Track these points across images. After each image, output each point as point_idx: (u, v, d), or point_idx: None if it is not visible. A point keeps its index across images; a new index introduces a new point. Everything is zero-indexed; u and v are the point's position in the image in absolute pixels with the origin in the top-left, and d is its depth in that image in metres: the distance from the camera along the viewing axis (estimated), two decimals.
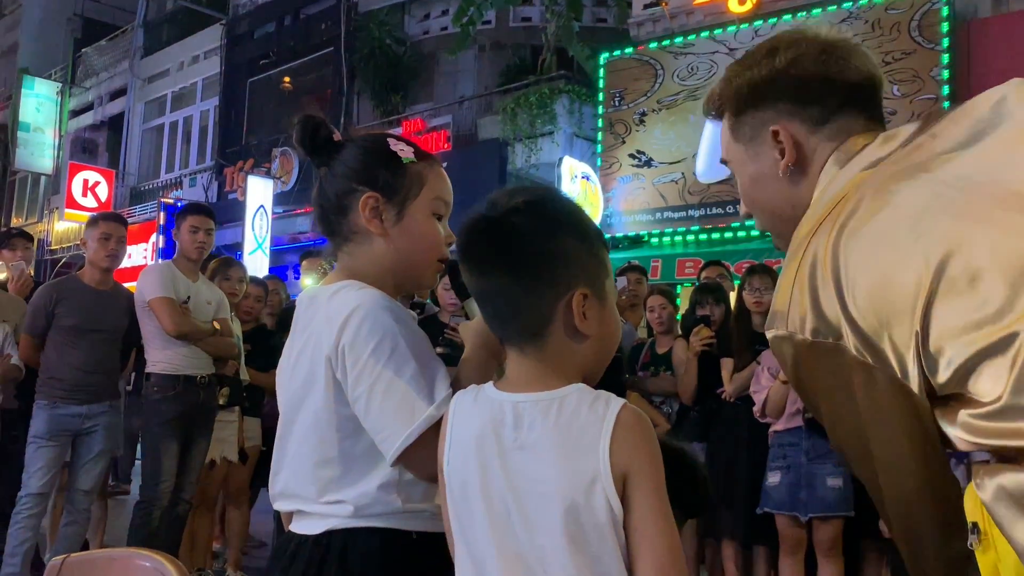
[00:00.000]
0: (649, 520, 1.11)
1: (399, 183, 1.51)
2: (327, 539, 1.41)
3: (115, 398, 4.47)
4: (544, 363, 1.19)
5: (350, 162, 1.53)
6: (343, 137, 1.58)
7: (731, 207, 9.99)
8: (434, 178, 1.54)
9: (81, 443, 4.32)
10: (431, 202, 1.53)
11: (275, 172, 15.83)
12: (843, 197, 1.09)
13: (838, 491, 3.93)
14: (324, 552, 1.40)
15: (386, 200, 1.50)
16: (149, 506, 4.24)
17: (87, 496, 4.36)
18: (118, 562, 1.62)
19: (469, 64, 14.71)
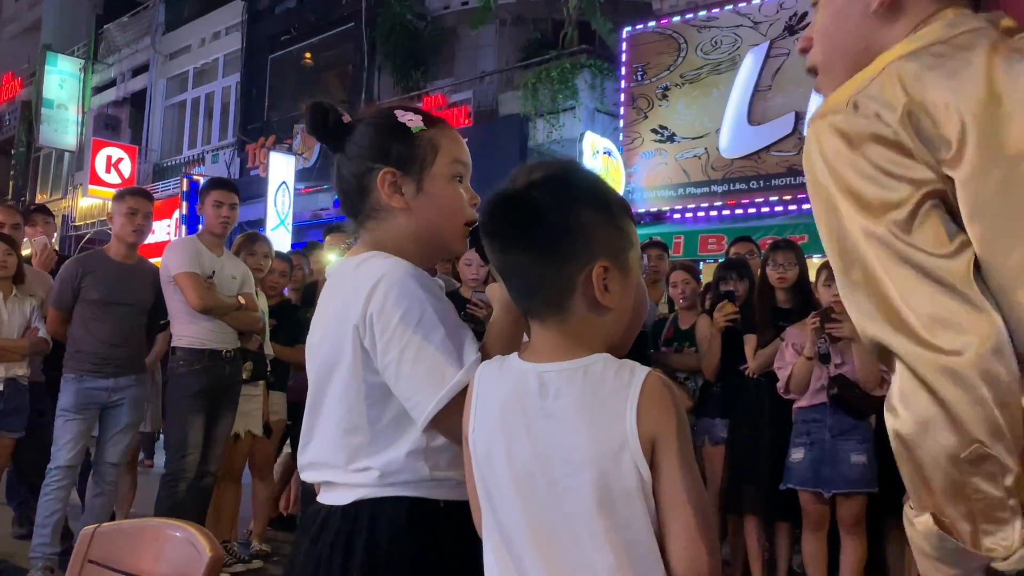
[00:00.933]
0: (679, 485, 1.11)
1: (413, 153, 1.51)
2: (355, 509, 1.42)
3: (141, 371, 4.51)
4: (567, 334, 1.19)
5: (362, 141, 1.54)
6: (352, 118, 1.58)
7: (754, 183, 9.92)
8: (447, 142, 1.54)
9: (108, 416, 4.38)
10: (449, 166, 1.53)
11: (297, 148, 15.86)
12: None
13: (862, 467, 3.91)
14: (353, 522, 1.41)
15: (403, 173, 1.51)
16: (175, 479, 4.29)
17: (114, 468, 4.42)
18: (149, 531, 1.64)
19: (490, 39, 14.61)
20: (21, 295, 4.59)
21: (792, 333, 4.16)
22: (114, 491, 4.51)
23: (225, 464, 4.61)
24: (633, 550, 1.11)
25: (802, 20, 9.76)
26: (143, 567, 1.56)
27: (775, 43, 9.93)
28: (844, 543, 4.03)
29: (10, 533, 5.03)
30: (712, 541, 1.13)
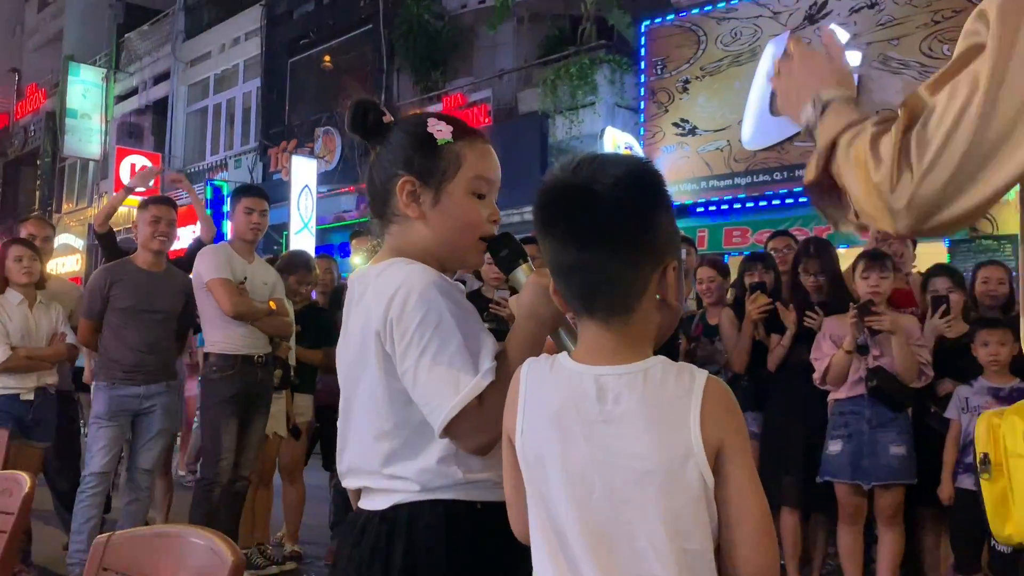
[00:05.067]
0: (746, 492, 1.11)
1: (434, 166, 1.52)
2: (393, 513, 1.43)
3: (172, 378, 4.55)
4: (627, 335, 1.18)
5: (392, 146, 1.55)
6: (393, 119, 1.58)
7: (777, 174, 9.84)
8: (474, 156, 1.54)
9: (140, 423, 4.42)
10: (470, 181, 1.53)
11: (318, 151, 15.93)
12: None
13: (901, 458, 3.89)
14: (391, 526, 1.42)
15: (423, 183, 1.52)
16: (210, 483, 4.32)
17: (148, 475, 4.46)
18: (166, 539, 1.62)
19: (508, 37, 14.59)
20: (46, 301, 4.63)
21: (830, 324, 4.14)
22: (148, 497, 4.55)
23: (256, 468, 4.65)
24: (693, 559, 1.10)
25: (823, 9, 9.67)
26: (167, 573, 1.55)
27: (795, 33, 9.83)
28: (882, 535, 4.00)
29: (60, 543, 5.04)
30: (776, 546, 1.13)
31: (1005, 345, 3.67)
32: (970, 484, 3.74)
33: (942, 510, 3.99)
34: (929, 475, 3.90)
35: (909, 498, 3.99)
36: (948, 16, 8.89)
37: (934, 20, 8.97)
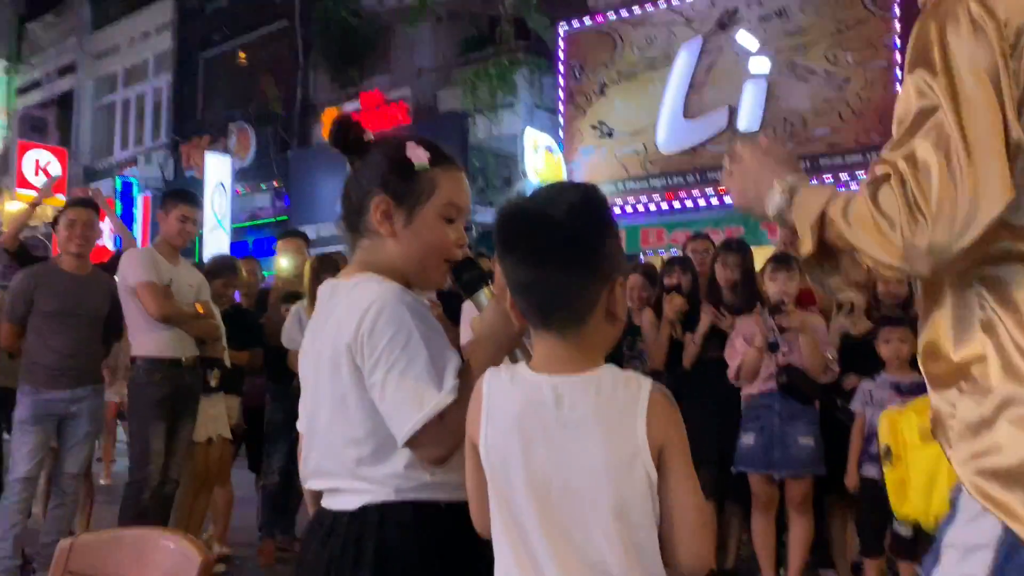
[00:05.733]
0: (684, 487, 1.25)
1: (410, 189, 1.61)
2: (363, 513, 1.52)
3: (98, 382, 4.51)
4: (580, 346, 1.31)
5: (370, 164, 1.64)
6: (372, 139, 1.67)
7: (691, 177, 10.16)
8: (448, 184, 1.63)
9: (66, 427, 4.37)
10: (442, 207, 1.63)
11: (233, 148, 15.69)
12: None
13: (810, 450, 4.13)
14: (361, 525, 1.52)
15: (396, 204, 1.61)
16: (139, 486, 4.31)
17: (74, 479, 4.42)
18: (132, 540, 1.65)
19: (426, 35, 14.59)
20: None
21: (742, 324, 4.36)
22: (74, 502, 4.50)
23: (200, 470, 4.66)
24: (641, 548, 1.24)
25: (733, 16, 10.01)
26: (133, 574, 1.60)
27: (708, 39, 10.15)
28: (793, 522, 4.24)
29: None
30: (710, 535, 1.29)
31: (906, 342, 3.93)
32: (874, 473, 3.99)
33: (848, 498, 4.25)
34: (836, 465, 4.15)
35: (818, 487, 4.24)
36: (851, 25, 9.32)
37: (838, 29, 9.39)
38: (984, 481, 1.13)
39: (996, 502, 1.11)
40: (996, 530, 1.12)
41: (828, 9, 9.45)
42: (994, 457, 1.12)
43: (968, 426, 1.16)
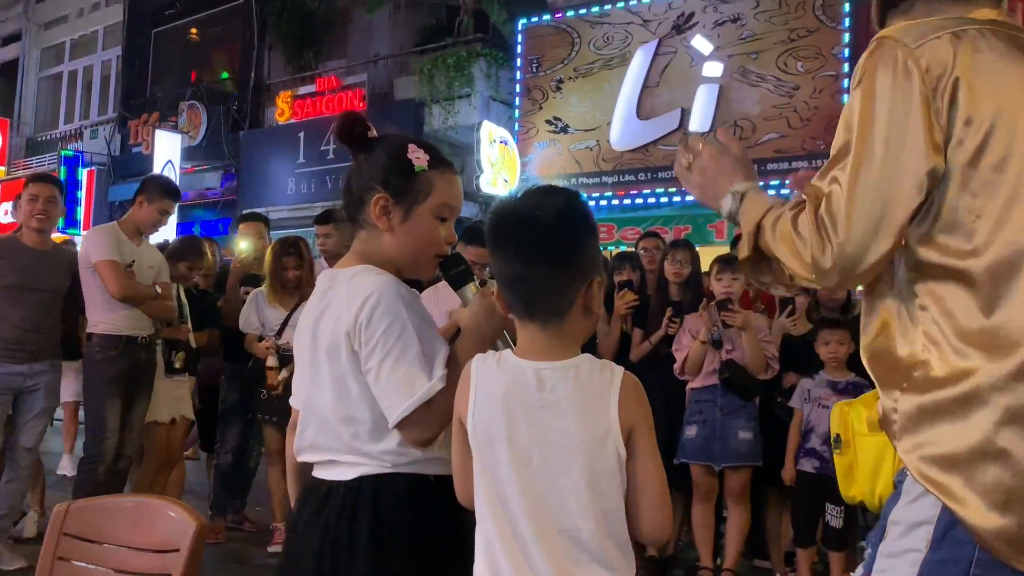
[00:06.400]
0: (649, 464, 1.42)
1: (409, 188, 1.74)
2: (359, 483, 1.65)
3: (56, 357, 4.52)
4: (560, 336, 1.46)
5: (373, 161, 1.76)
6: (378, 135, 1.78)
7: (642, 175, 10.37)
8: (444, 185, 1.77)
9: (23, 401, 4.38)
10: (436, 207, 1.76)
11: (183, 126, 15.50)
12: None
13: (749, 443, 4.32)
14: (356, 495, 1.65)
15: (395, 201, 1.74)
16: (94, 462, 4.34)
17: (29, 453, 4.43)
18: (128, 506, 1.75)
19: (384, 22, 14.56)
20: None
21: (690, 320, 4.54)
22: (28, 476, 4.51)
23: (162, 451, 4.70)
24: (609, 516, 1.40)
25: (689, 20, 10.23)
26: (126, 539, 1.68)
27: (664, 41, 10.37)
28: (731, 512, 4.44)
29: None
30: (670, 508, 1.45)
31: (843, 344, 4.14)
32: (809, 467, 4.21)
33: (784, 490, 4.46)
34: (773, 459, 4.35)
35: (755, 479, 4.44)
36: (803, 35, 9.60)
37: (790, 38, 9.66)
38: (926, 467, 1.29)
39: (936, 484, 1.27)
40: (935, 509, 1.27)
41: (781, 18, 9.72)
42: (934, 447, 1.28)
43: (910, 420, 1.32)
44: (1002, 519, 1.22)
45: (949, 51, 1.30)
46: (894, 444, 1.36)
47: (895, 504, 1.35)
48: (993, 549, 1.22)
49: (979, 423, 1.25)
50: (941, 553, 1.27)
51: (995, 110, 1.29)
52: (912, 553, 1.29)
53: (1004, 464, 1.23)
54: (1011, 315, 1.27)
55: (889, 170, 1.29)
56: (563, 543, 1.37)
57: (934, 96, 1.29)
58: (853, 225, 1.29)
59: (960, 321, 1.29)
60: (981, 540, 1.23)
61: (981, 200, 1.29)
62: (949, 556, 1.26)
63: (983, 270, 1.29)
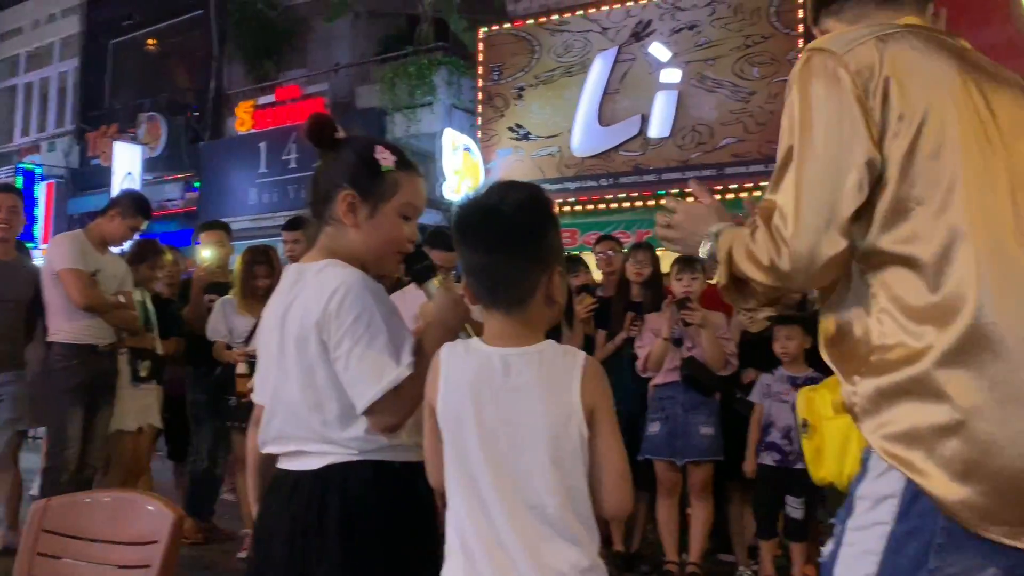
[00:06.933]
0: (611, 443, 1.50)
1: (375, 187, 1.80)
2: (327, 472, 1.70)
3: (20, 367, 4.51)
4: (524, 323, 1.53)
5: (340, 160, 1.82)
6: (345, 135, 1.85)
7: (604, 180, 10.49)
8: (409, 186, 1.84)
9: None
10: (401, 206, 1.83)
11: (142, 137, 15.38)
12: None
13: (710, 438, 4.42)
14: (325, 482, 1.70)
15: (362, 199, 1.80)
16: (57, 472, 4.34)
17: None
18: (105, 501, 1.80)
19: (345, 31, 14.58)
20: None
21: (651, 319, 4.64)
22: None
23: (128, 460, 4.69)
24: (573, 493, 1.47)
25: (647, 27, 10.38)
26: (105, 533, 1.72)
27: (623, 49, 10.50)
28: (694, 507, 4.52)
29: None
30: (631, 485, 1.52)
31: (794, 340, 4.26)
32: (770, 461, 4.32)
33: (746, 484, 4.56)
34: (734, 453, 4.45)
35: (718, 474, 4.53)
36: (758, 41, 9.79)
37: (746, 44, 9.84)
38: (889, 444, 1.36)
39: (900, 460, 1.34)
40: (900, 482, 1.35)
41: (736, 25, 9.90)
42: (895, 425, 1.36)
43: (871, 402, 1.40)
44: (964, 488, 1.29)
45: (875, 54, 1.39)
46: (858, 426, 1.43)
47: (862, 481, 1.42)
48: (957, 517, 1.29)
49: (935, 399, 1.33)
50: (907, 524, 1.34)
51: (925, 104, 1.38)
52: (880, 526, 1.37)
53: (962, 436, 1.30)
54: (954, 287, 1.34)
55: (830, 167, 1.38)
56: (530, 519, 1.44)
57: (866, 96, 1.38)
58: (801, 223, 1.38)
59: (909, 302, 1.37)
60: (945, 509, 1.30)
61: (920, 188, 1.38)
62: (915, 527, 1.33)
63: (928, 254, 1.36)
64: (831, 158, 1.38)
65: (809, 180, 1.39)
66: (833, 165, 1.38)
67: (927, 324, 1.35)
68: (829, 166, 1.38)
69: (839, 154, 1.38)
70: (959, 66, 1.43)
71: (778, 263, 1.40)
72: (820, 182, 1.38)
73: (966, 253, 1.34)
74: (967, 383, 1.32)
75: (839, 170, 1.38)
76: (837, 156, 1.38)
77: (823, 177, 1.38)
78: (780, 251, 1.39)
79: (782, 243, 1.39)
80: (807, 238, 1.38)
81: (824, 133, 1.39)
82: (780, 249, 1.39)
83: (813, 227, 1.37)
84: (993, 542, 1.28)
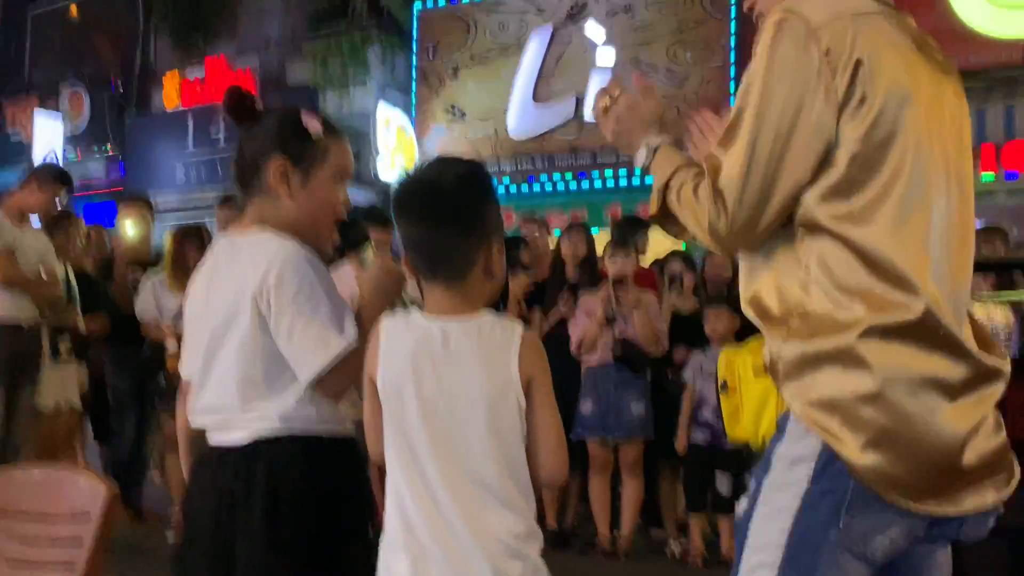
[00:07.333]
0: (547, 412, 1.52)
1: (307, 153, 1.79)
2: (254, 446, 1.69)
3: None
4: (463, 295, 1.54)
5: (266, 128, 1.80)
6: (264, 107, 1.82)
7: (539, 162, 10.51)
8: (338, 151, 1.83)
9: None
10: (334, 171, 1.82)
11: (64, 111, 14.91)
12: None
13: (641, 416, 4.50)
14: (252, 456, 1.69)
15: (294, 167, 1.78)
16: None
17: None
18: (40, 478, 1.75)
19: (275, 4, 14.28)
20: None
21: (585, 300, 4.68)
22: None
23: (44, 439, 4.56)
24: (511, 461, 1.49)
25: (583, 9, 10.40)
26: (35, 509, 1.68)
27: (558, 30, 10.51)
28: (626, 483, 4.61)
29: None
30: (566, 453, 1.55)
31: (722, 320, 4.35)
32: (700, 439, 4.41)
33: (676, 461, 4.65)
34: (665, 431, 4.54)
35: (648, 451, 4.62)
36: (691, 26, 9.89)
37: (679, 28, 9.93)
38: (809, 409, 1.41)
39: (818, 424, 1.40)
40: (817, 446, 1.40)
41: (670, 8, 9.99)
42: (816, 390, 1.41)
43: (793, 366, 1.44)
44: (874, 456, 1.36)
45: (849, 33, 1.41)
46: (779, 387, 1.48)
47: (780, 441, 1.47)
48: (864, 481, 1.36)
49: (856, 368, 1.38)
50: (821, 485, 1.40)
51: (885, 92, 1.41)
52: (795, 486, 1.42)
53: (878, 407, 1.36)
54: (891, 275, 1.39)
55: (783, 142, 1.40)
56: (469, 487, 1.46)
57: (833, 74, 1.40)
58: (747, 194, 1.40)
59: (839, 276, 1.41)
60: (856, 474, 1.36)
61: (865, 173, 1.41)
62: (828, 487, 1.39)
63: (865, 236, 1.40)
64: (786, 131, 1.40)
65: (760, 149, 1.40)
66: (788, 139, 1.40)
67: (857, 300, 1.39)
68: (784, 139, 1.40)
69: (795, 130, 1.40)
70: (919, 57, 1.47)
71: (717, 226, 1.43)
72: (771, 153, 1.40)
73: (905, 242, 1.39)
74: (889, 356, 1.37)
75: (793, 145, 1.40)
76: (793, 130, 1.40)
77: (775, 148, 1.40)
78: (720, 217, 1.42)
79: (723, 210, 1.42)
80: (750, 209, 1.41)
81: (783, 104, 1.40)
82: (720, 215, 1.42)
83: (758, 199, 1.40)
84: (896, 505, 1.36)
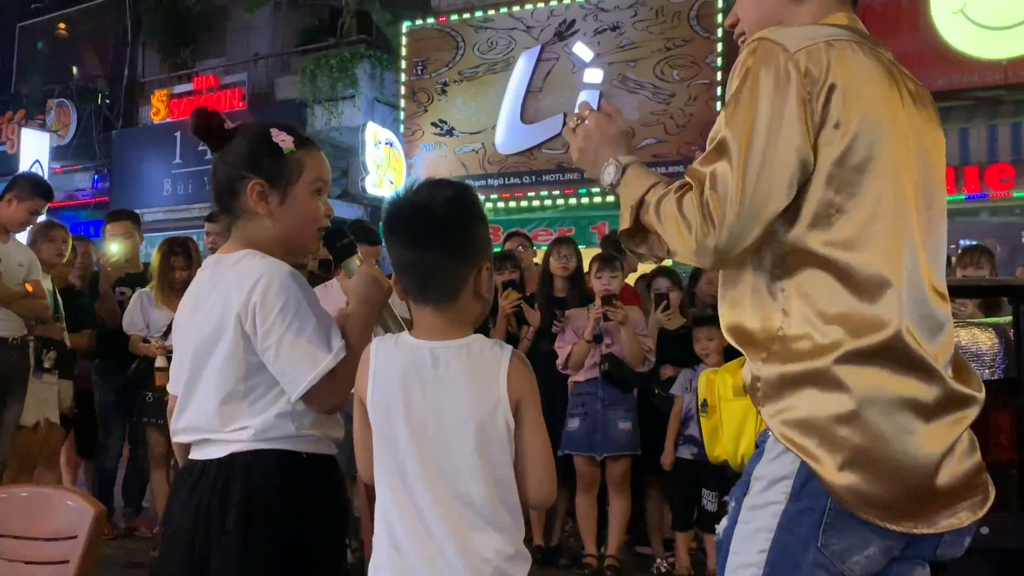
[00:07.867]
0: (535, 434, 1.53)
1: (281, 170, 1.80)
2: (231, 460, 1.71)
3: None
4: (453, 318, 1.55)
5: (238, 151, 1.81)
6: (233, 127, 1.84)
7: (527, 177, 10.56)
8: (312, 162, 1.84)
9: None
10: (311, 183, 1.83)
11: (51, 125, 14.89)
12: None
13: (628, 433, 4.51)
14: (229, 470, 1.70)
15: (271, 186, 1.79)
16: None
17: None
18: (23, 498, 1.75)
19: (264, 20, 14.35)
20: None
21: (573, 317, 4.69)
22: None
23: (22, 454, 4.52)
24: (499, 482, 1.50)
25: (571, 27, 10.48)
26: (21, 529, 1.67)
27: (546, 47, 10.59)
28: (613, 500, 4.61)
29: None
30: (555, 475, 1.56)
31: (713, 339, 4.36)
32: (687, 454, 4.42)
33: (663, 479, 4.66)
34: (652, 448, 4.55)
35: (635, 469, 4.63)
36: (679, 44, 9.99)
37: (667, 47, 10.02)
38: (788, 429, 1.43)
39: (796, 444, 1.42)
40: (795, 465, 1.42)
41: (658, 27, 10.08)
42: (794, 411, 1.43)
43: (772, 388, 1.46)
44: (851, 476, 1.38)
45: (824, 59, 1.44)
46: (758, 408, 1.50)
47: (758, 462, 1.49)
48: (841, 500, 1.39)
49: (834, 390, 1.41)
50: (799, 504, 1.42)
51: (860, 118, 1.44)
52: (774, 505, 1.44)
53: (854, 427, 1.39)
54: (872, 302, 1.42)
55: (770, 164, 1.42)
56: (457, 507, 1.47)
57: (810, 99, 1.43)
58: (739, 215, 1.42)
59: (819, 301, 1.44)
60: (833, 493, 1.39)
61: (842, 198, 1.44)
62: (806, 506, 1.41)
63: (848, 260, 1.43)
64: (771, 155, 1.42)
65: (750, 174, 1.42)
66: (772, 162, 1.42)
67: (836, 325, 1.42)
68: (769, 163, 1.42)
69: (779, 152, 1.42)
70: (892, 84, 1.51)
71: (704, 243, 1.43)
72: (758, 175, 1.42)
73: (892, 274, 1.43)
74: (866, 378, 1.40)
75: (777, 167, 1.42)
76: (777, 154, 1.42)
77: (761, 170, 1.42)
78: (709, 232, 1.43)
79: (712, 226, 1.42)
80: (740, 227, 1.42)
81: (767, 127, 1.43)
82: (709, 231, 1.43)
83: (749, 217, 1.42)
84: (872, 523, 1.39)
